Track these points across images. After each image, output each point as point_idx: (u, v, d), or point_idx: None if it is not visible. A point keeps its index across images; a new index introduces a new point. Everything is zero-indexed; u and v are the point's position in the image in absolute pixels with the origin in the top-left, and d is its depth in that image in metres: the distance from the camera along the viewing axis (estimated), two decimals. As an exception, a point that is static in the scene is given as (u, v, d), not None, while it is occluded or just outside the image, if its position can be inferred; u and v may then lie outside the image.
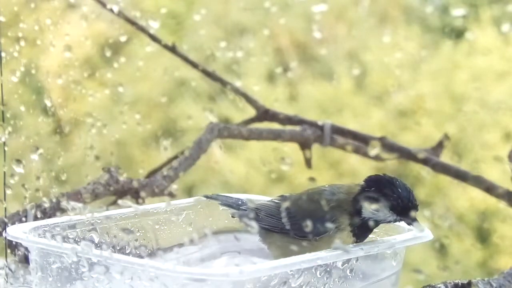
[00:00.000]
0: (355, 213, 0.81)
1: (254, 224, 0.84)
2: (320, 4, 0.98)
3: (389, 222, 0.82)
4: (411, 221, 0.81)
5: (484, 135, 1.47)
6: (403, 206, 0.81)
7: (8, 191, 0.94)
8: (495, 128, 1.46)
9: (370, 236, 0.85)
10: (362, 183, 0.83)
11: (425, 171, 1.25)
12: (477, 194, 1.24)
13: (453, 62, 1.50)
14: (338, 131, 1.28)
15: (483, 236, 1.44)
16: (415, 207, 0.81)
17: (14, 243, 0.86)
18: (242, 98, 1.29)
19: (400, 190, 0.81)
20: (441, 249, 1.32)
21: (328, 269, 0.77)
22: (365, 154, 1.25)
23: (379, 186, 0.81)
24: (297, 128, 1.28)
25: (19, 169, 0.91)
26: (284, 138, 1.26)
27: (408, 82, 1.46)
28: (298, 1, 1.33)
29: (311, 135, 1.27)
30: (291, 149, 1.27)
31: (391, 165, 1.27)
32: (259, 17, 1.40)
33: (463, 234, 1.43)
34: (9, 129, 0.99)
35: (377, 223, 0.82)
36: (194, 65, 1.27)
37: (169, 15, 1.40)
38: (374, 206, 0.81)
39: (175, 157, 1.16)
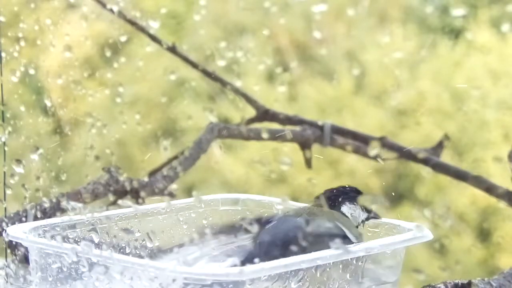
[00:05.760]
0: None
1: (254, 226, 0.84)
2: (320, 4, 0.98)
3: (363, 221, 0.88)
4: (375, 214, 0.89)
5: (484, 135, 1.47)
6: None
7: (8, 191, 0.94)
8: (495, 128, 1.46)
9: (369, 234, 0.86)
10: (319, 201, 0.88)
11: (425, 171, 1.25)
12: (477, 193, 1.24)
13: (453, 61, 1.50)
14: (338, 131, 1.28)
15: (483, 236, 1.44)
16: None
17: (14, 243, 0.86)
18: (242, 98, 1.29)
19: (358, 191, 0.89)
20: (441, 249, 1.32)
21: (328, 269, 0.77)
22: (365, 154, 1.25)
23: (342, 195, 0.88)
24: (297, 128, 1.28)
25: (19, 169, 0.91)
26: (284, 138, 1.26)
27: (408, 82, 1.46)
28: (298, 1, 1.33)
29: (311, 135, 1.27)
30: (291, 149, 1.27)
31: (391, 165, 1.27)
32: (259, 17, 1.40)
33: (463, 234, 1.43)
34: (9, 129, 0.99)
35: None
36: (194, 65, 1.27)
37: (169, 15, 1.40)
38: (351, 211, 0.87)
39: (175, 157, 1.16)
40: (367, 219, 0.89)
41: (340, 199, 0.88)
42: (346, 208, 0.87)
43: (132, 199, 1.05)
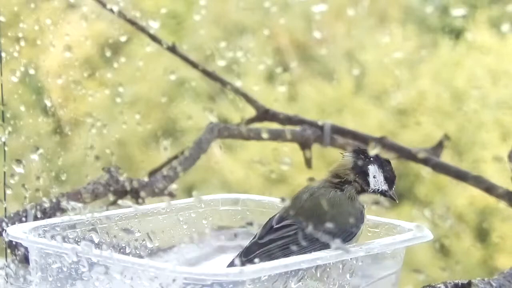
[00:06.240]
0: (362, 186, 0.84)
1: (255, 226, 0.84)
2: (320, 4, 0.99)
3: (379, 192, 0.85)
4: (393, 194, 0.86)
5: (484, 135, 1.47)
6: (392, 179, 0.85)
7: (8, 191, 0.94)
8: (495, 128, 1.46)
9: (369, 234, 0.86)
10: (348, 157, 0.85)
11: (425, 171, 1.25)
12: (476, 193, 1.24)
13: (452, 61, 1.50)
14: (338, 131, 1.28)
15: (483, 236, 1.45)
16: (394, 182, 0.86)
17: (14, 243, 0.86)
18: (242, 98, 1.29)
19: (390, 164, 0.86)
20: (441, 249, 1.32)
21: (328, 269, 0.77)
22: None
23: (372, 157, 0.85)
24: (297, 128, 1.28)
25: (19, 169, 0.91)
26: (284, 138, 1.26)
27: (408, 82, 1.46)
28: (298, 1, 1.33)
29: (311, 135, 1.27)
30: (291, 149, 1.27)
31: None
32: (259, 17, 1.40)
33: (463, 234, 1.43)
34: (9, 129, 0.99)
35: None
36: (194, 65, 1.27)
37: (169, 15, 1.40)
38: (375, 174, 0.85)
39: (175, 157, 1.16)
40: (384, 194, 0.86)
41: (371, 158, 0.85)
42: (372, 169, 0.85)
43: (132, 199, 1.05)
